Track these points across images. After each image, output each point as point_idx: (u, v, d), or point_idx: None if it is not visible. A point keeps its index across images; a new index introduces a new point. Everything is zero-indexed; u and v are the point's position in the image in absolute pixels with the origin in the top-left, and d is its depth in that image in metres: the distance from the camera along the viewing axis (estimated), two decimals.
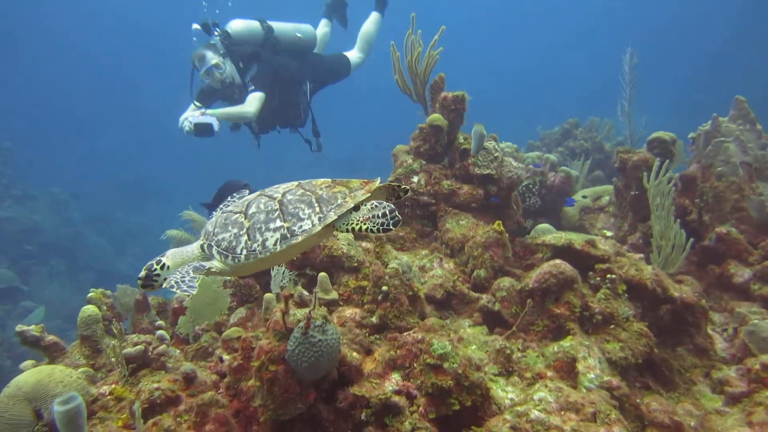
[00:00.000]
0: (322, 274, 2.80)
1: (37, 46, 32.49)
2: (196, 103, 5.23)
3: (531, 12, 37.00)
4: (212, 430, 2.24)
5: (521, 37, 37.49)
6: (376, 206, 1.92)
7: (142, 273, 1.99)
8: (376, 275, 2.79)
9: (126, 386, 2.55)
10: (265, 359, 2.26)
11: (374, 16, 6.49)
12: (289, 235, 1.86)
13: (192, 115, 5.12)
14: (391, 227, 1.87)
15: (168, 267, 1.98)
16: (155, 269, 1.98)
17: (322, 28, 6.38)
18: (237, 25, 5.57)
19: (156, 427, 2.11)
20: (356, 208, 1.94)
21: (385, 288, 2.75)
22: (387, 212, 1.88)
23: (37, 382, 2.34)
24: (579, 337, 2.77)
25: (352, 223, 1.90)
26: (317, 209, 1.91)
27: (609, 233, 4.07)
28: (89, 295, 3.31)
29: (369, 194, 1.98)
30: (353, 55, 6.40)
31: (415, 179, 3.67)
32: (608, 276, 3.07)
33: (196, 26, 5.53)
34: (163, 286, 1.84)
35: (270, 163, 24.34)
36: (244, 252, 1.88)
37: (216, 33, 5.48)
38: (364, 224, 1.88)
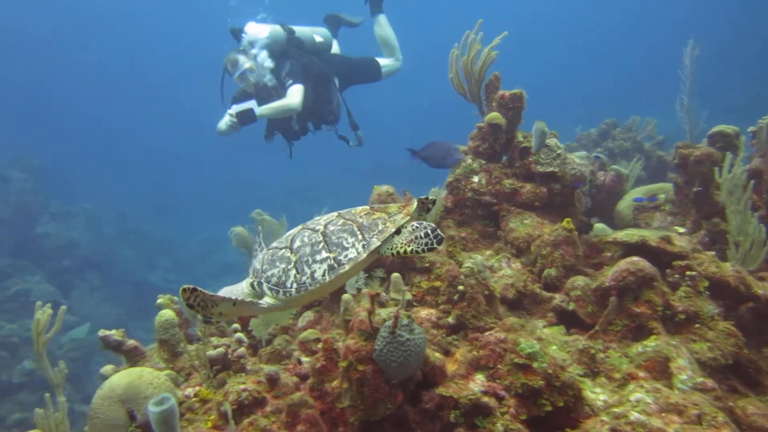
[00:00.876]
0: (395, 274, 2.83)
1: (60, 64, 33.65)
2: (229, 111, 5.34)
3: (563, 12, 36.80)
4: (303, 431, 2.27)
5: (551, 38, 37.24)
6: (416, 228, 1.99)
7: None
8: (451, 275, 2.80)
9: (210, 388, 2.61)
10: (353, 359, 2.30)
11: (379, 19, 6.47)
12: (336, 265, 1.94)
13: (230, 110, 5.25)
14: (435, 246, 1.92)
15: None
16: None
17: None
18: (259, 28, 5.70)
19: (252, 427, 2.16)
20: (397, 231, 2.02)
21: (461, 288, 2.76)
22: (429, 232, 1.95)
23: (128, 384, 2.42)
24: (664, 336, 2.73)
25: (396, 247, 1.97)
26: (360, 237, 1.98)
27: (681, 230, 4.00)
28: (159, 301, 3.40)
29: (408, 217, 2.05)
30: (384, 60, 6.46)
31: (476, 179, 3.69)
32: (687, 273, 3.02)
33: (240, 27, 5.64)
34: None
35: (294, 176, 24.59)
36: (295, 285, 1.96)
37: (243, 36, 5.60)
38: (408, 246, 1.94)
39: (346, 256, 1.95)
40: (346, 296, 2.64)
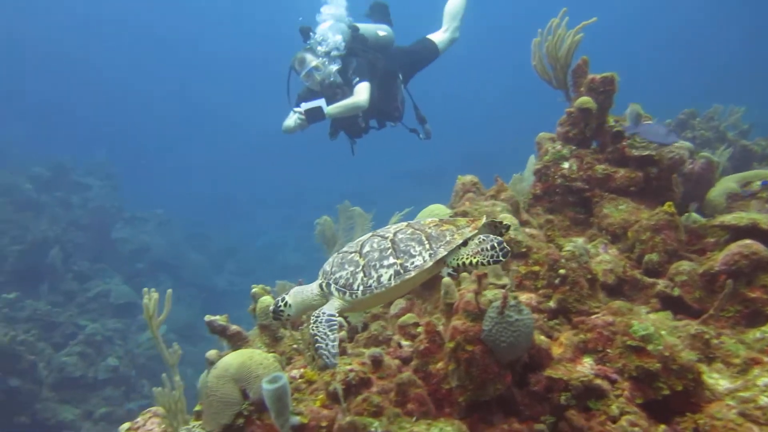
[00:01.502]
0: (447, 279, 2.81)
1: (118, 74, 35.86)
2: (296, 110, 5.47)
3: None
4: (413, 410, 2.34)
5: (626, 29, 35.96)
6: (483, 240, 2.03)
7: (272, 307, 2.31)
8: (552, 258, 2.79)
9: (314, 370, 2.73)
10: (461, 340, 2.34)
11: None
12: (402, 271, 2.03)
13: (298, 108, 5.37)
14: (501, 258, 1.96)
15: (290, 305, 2.27)
16: (281, 306, 2.28)
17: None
18: (326, 27, 5.81)
19: (366, 403, 2.24)
20: (464, 243, 2.05)
21: (562, 271, 2.75)
22: (495, 245, 1.99)
23: (241, 364, 2.57)
24: None
25: (462, 258, 2.03)
26: (427, 246, 2.05)
27: None
28: (253, 290, 3.57)
29: (476, 231, 2.09)
30: (438, 35, 6.43)
31: (566, 165, 3.65)
32: None
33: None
34: (316, 356, 2.07)
35: (348, 180, 24.94)
36: (361, 288, 2.06)
37: (312, 35, 5.73)
38: (474, 258, 2.00)
39: (412, 263, 2.03)
40: (446, 279, 2.68)
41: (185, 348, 12.48)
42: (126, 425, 2.66)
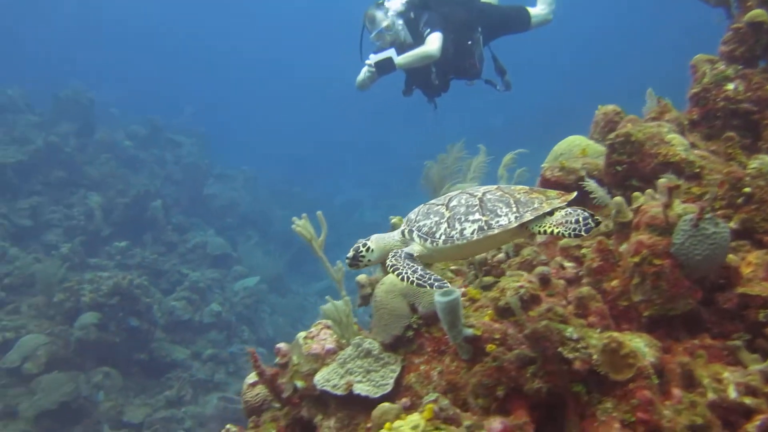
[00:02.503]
0: (618, 198, 2.71)
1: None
2: (367, 62, 5.32)
3: None
4: (594, 323, 2.36)
5: None
6: (570, 213, 2.03)
7: (350, 253, 2.29)
8: (734, 177, 2.67)
9: (477, 289, 2.80)
10: (647, 254, 2.32)
11: None
12: (486, 228, 2.08)
13: (368, 60, 5.25)
14: (583, 233, 1.96)
15: (372, 250, 2.28)
16: (362, 251, 2.28)
17: None
18: None
19: (551, 313, 2.28)
20: (550, 213, 2.07)
21: (747, 190, 2.62)
22: (581, 219, 1.99)
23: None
24: None
25: (545, 226, 2.05)
26: (514, 209, 2.09)
27: None
28: (393, 221, 3.69)
29: (565, 204, 2.08)
30: (535, 10, 6.11)
31: (731, 86, 3.41)
32: None
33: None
34: (415, 284, 2.04)
35: (428, 140, 24.82)
36: (443, 237, 2.12)
37: None
38: (557, 228, 2.01)
39: (497, 221, 2.07)
40: (618, 198, 2.64)
41: (274, 299, 13.28)
42: (302, 333, 2.87)
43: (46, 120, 14.58)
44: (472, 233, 2.08)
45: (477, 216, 2.11)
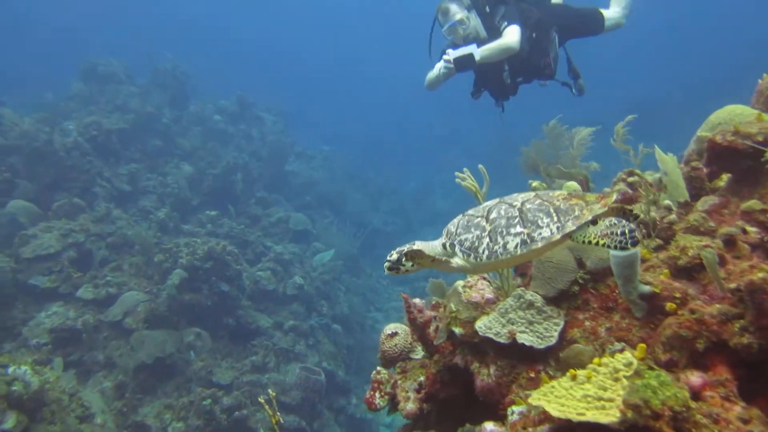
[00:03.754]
0: None
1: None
2: (445, 57, 5.06)
3: None
4: None
5: None
6: (615, 224, 2.04)
7: (393, 256, 2.31)
8: None
9: (647, 249, 2.75)
10: None
11: None
12: (528, 241, 2.08)
13: (446, 56, 5.02)
14: (628, 246, 1.98)
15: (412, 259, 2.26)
16: (403, 260, 2.28)
17: None
18: None
19: (757, 270, 2.20)
20: (593, 222, 2.07)
21: None
22: (626, 231, 1.99)
23: None
24: None
25: (589, 236, 2.06)
26: (555, 219, 2.09)
27: None
28: (534, 184, 3.68)
29: (606, 208, 2.08)
30: (609, 12, 5.85)
31: None
32: None
33: None
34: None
35: (500, 130, 24.60)
36: (486, 252, 2.14)
37: None
38: (602, 239, 2.02)
39: (540, 234, 2.08)
40: None
41: (348, 279, 13.50)
42: (460, 282, 2.92)
43: (144, 91, 15.47)
44: (515, 247, 2.10)
45: (519, 228, 2.12)
